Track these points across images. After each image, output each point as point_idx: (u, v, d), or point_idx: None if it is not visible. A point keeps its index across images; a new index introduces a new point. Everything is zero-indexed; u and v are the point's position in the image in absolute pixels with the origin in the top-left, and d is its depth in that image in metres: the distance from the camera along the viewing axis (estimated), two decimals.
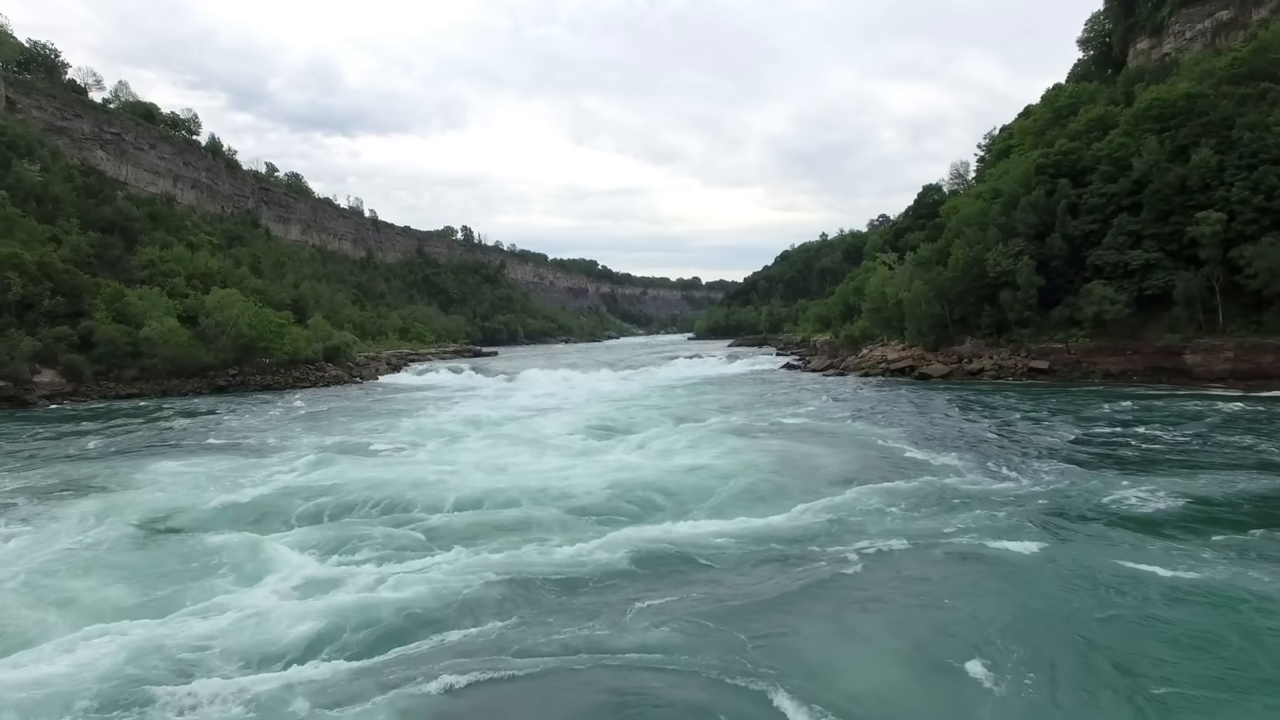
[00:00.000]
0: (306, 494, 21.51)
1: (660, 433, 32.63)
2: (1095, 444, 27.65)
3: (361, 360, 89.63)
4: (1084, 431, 30.32)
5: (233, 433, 37.72)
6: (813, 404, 43.75)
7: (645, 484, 21.99)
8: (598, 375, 67.23)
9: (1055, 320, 55.51)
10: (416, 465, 26.02)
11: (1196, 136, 49.92)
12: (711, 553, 16.02)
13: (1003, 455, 25.75)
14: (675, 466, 24.76)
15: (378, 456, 28.53)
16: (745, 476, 22.91)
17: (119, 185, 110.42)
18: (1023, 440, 28.85)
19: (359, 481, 22.61)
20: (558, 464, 25.71)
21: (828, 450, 27.52)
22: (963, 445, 27.91)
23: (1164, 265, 49.46)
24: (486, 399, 50.86)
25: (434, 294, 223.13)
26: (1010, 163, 68.82)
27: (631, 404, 45.59)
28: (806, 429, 33.59)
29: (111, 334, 62.51)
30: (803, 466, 24.59)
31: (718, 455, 26.54)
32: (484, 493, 21.13)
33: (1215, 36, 67.28)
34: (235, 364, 69.25)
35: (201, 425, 41.50)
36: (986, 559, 15.32)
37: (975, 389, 49.55)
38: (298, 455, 28.64)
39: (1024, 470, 23.16)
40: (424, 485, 22.11)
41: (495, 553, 16.12)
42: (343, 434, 35.25)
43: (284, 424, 41.02)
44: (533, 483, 22.26)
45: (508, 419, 38.81)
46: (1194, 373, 46.52)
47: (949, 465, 24.14)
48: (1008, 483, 21.66)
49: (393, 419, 40.94)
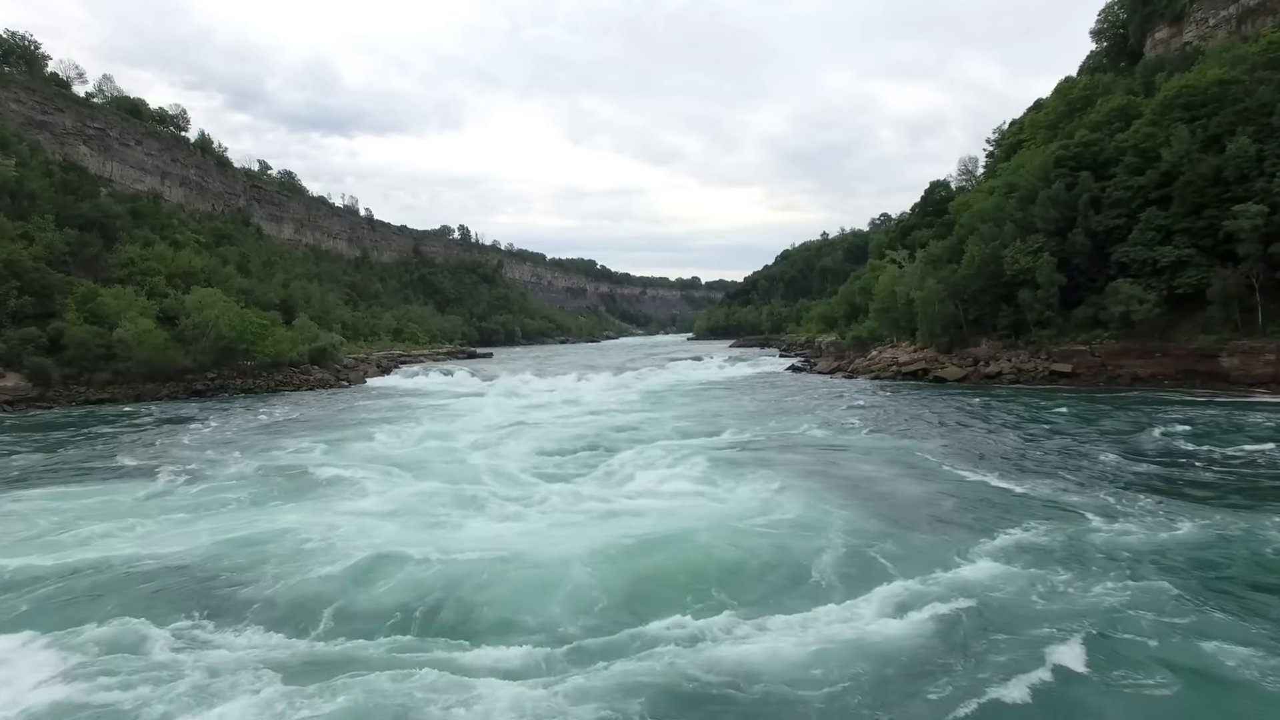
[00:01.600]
0: (109, 567, 15.75)
1: (667, 456, 27.12)
2: (1192, 466, 23.45)
3: (350, 362, 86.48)
4: (1162, 447, 26.58)
5: (161, 450, 32.65)
6: (831, 412, 40.60)
7: (655, 572, 14.67)
8: (590, 381, 64.05)
9: (1077, 321, 52.44)
10: (313, 519, 19.19)
11: (1232, 125, 46.83)
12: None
13: (1093, 483, 21.41)
14: (698, 519, 18.33)
15: (272, 506, 21.38)
16: (820, 537, 16.57)
17: (104, 182, 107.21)
18: (1095, 459, 24.74)
19: (197, 551, 16.62)
20: (503, 532, 17.97)
21: (893, 481, 22.71)
22: (1038, 469, 23.72)
23: (1197, 262, 46.38)
24: (460, 414, 43.52)
25: (430, 294, 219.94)
26: (1026, 155, 65.82)
27: (629, 413, 42.38)
28: (843, 447, 29.05)
29: (82, 335, 59.31)
30: (884, 513, 18.84)
31: (757, 493, 20.80)
32: (349, 583, 14.50)
33: (1241, 23, 64.22)
34: (215, 367, 66.13)
35: (135, 438, 36.95)
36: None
37: (997, 394, 46.49)
38: (194, 487, 23.94)
39: (1133, 506, 18.75)
40: (283, 559, 15.87)
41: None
42: (283, 457, 29.65)
43: (235, 437, 36.30)
44: (455, 568, 14.91)
45: (475, 443, 31.77)
46: (1231, 377, 43.46)
47: (1047, 500, 19.62)
48: (1130, 523, 17.19)
49: (350, 436, 35.19)
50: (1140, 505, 18.86)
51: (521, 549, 16.10)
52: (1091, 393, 45.13)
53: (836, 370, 68.07)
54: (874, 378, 61.43)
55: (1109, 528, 17.04)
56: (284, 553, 16.33)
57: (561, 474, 25.14)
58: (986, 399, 43.43)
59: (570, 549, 15.87)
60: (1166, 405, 37.45)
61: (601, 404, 47.53)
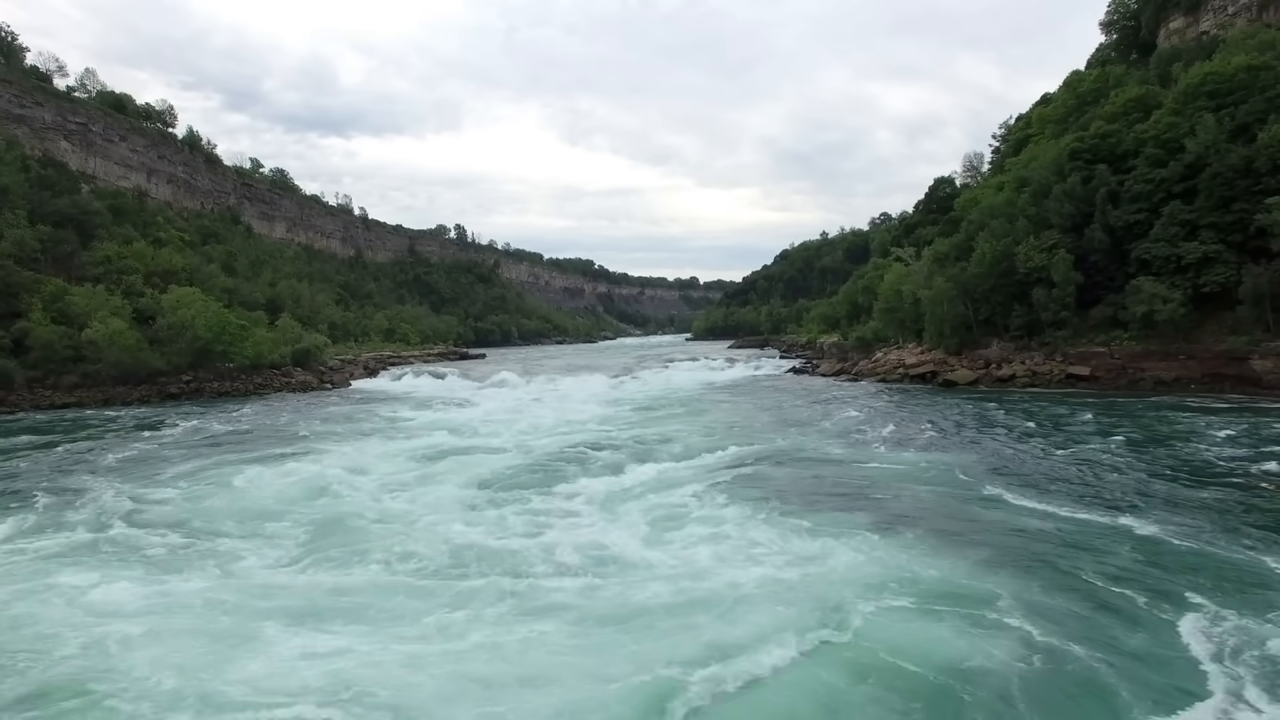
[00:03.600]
0: None
1: (657, 485, 22.29)
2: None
3: (336, 364, 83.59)
4: (1231, 464, 23.65)
5: (57, 468, 28.11)
6: (844, 420, 37.67)
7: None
8: (578, 384, 61.16)
9: (1095, 321, 49.71)
10: (150, 588, 14.97)
11: (1263, 113, 44.13)
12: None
13: (1194, 510, 18.49)
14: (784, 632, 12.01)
15: (114, 556, 17.39)
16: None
17: (86, 178, 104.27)
18: (1164, 477, 22.04)
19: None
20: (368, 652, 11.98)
21: (957, 532, 17.50)
22: (1108, 494, 20.42)
23: (1225, 259, 43.65)
24: (416, 430, 37.57)
25: (425, 294, 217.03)
26: (1038, 149, 63.16)
27: (612, 422, 39.30)
28: (878, 479, 23.54)
29: (49, 336, 56.46)
30: (1051, 583, 14.07)
31: (787, 565, 14.93)
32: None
33: (1263, 11, 61.52)
34: (191, 369, 63.24)
35: (47, 454, 32.17)
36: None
37: (1013, 399, 43.76)
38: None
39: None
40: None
41: None
42: (147, 493, 23.87)
43: (144, 455, 31.33)
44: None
45: (386, 483, 24.64)
46: (1263, 380, 40.72)
47: (1156, 538, 16.42)
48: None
49: (299, 453, 30.77)
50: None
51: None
52: (1114, 398, 42.41)
53: (840, 372, 65.34)
54: (880, 380, 58.68)
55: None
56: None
57: (487, 545, 17.19)
58: (1009, 405, 40.63)
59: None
60: (1209, 413, 34.70)
61: (583, 415, 42.40)
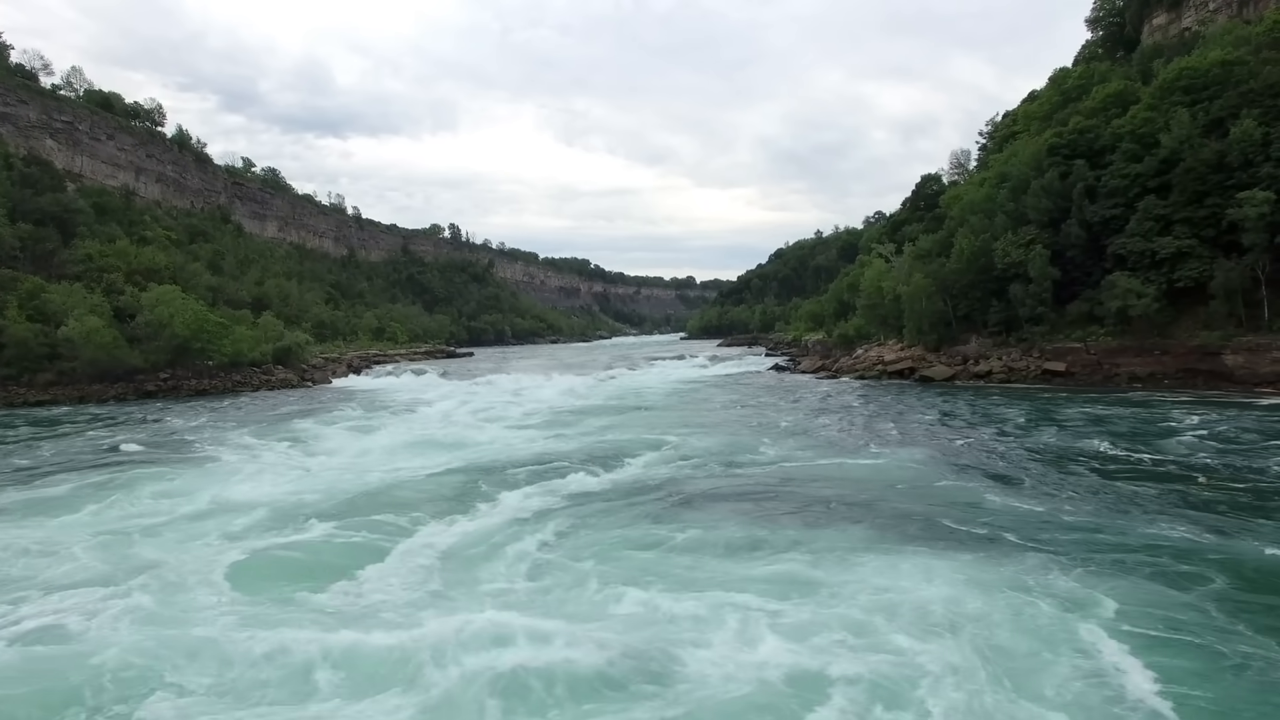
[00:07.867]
0: None
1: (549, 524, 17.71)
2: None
3: (318, 362, 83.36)
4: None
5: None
6: (802, 418, 37.57)
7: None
8: (552, 381, 61.10)
9: (1072, 317, 49.55)
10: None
11: (1236, 107, 43.95)
12: None
13: (1172, 510, 17.45)
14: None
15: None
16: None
17: (73, 177, 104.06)
18: (1153, 477, 20.99)
19: None
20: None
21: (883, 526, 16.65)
22: (1087, 502, 18.76)
23: (1199, 253, 43.48)
24: (358, 434, 33.75)
25: (419, 293, 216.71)
26: (1018, 145, 62.87)
27: (553, 426, 35.53)
28: (796, 478, 22.15)
29: (23, 334, 56.19)
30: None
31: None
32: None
33: (1243, 7, 61.41)
34: (169, 367, 62.96)
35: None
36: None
37: (988, 394, 43.59)
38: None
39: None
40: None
41: None
42: (112, 495, 21.75)
43: (49, 458, 29.44)
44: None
45: (339, 485, 22.75)
46: (1235, 375, 40.53)
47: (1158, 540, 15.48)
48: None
49: (227, 460, 28.00)
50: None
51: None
52: (1088, 393, 42.20)
53: (820, 369, 65.15)
54: (859, 377, 58.51)
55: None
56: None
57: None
58: (983, 402, 40.36)
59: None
60: (1179, 407, 34.51)
61: (530, 420, 38.09)
